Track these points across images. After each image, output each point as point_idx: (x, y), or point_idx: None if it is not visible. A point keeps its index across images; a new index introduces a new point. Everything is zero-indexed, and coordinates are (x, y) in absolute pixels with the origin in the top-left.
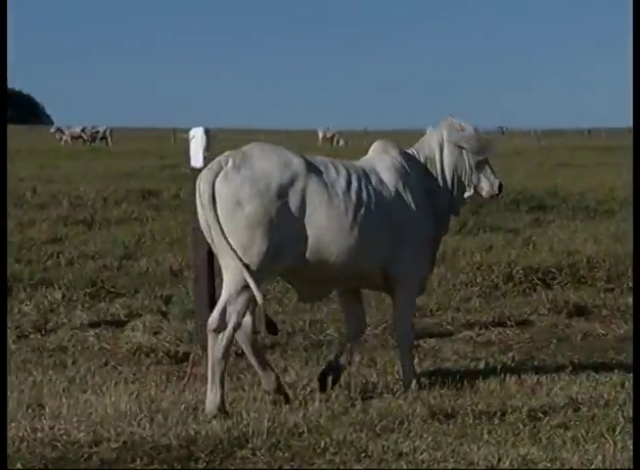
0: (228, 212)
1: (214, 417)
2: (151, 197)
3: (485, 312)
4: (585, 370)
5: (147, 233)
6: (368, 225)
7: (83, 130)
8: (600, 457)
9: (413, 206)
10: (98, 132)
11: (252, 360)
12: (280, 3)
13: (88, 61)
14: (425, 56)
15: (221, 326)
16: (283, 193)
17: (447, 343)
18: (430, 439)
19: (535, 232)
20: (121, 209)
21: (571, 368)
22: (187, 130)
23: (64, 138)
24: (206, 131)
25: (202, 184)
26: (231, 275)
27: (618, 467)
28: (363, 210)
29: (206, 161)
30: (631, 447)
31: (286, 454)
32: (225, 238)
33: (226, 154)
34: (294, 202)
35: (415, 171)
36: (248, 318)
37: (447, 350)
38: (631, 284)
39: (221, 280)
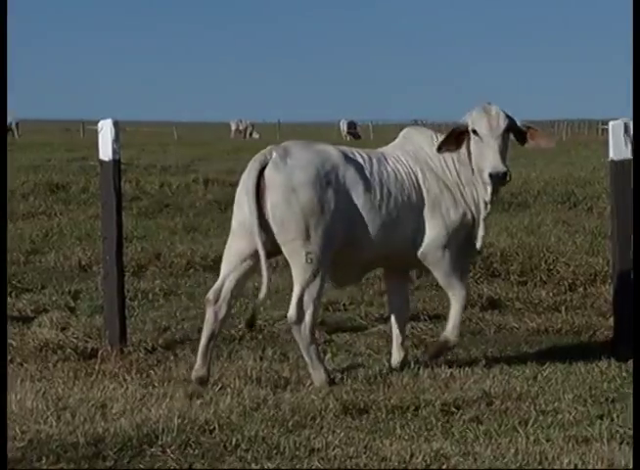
0: (283, 198)
1: (323, 388)
2: (59, 190)
3: None
4: (498, 364)
5: (55, 227)
6: (393, 203)
7: None
8: (512, 451)
9: (437, 188)
10: None
11: (201, 344)
12: None
13: None
14: (340, 48)
15: (300, 317)
16: (329, 180)
17: (360, 337)
18: (342, 434)
19: None
20: (29, 202)
21: (484, 362)
22: (96, 122)
23: None
24: (115, 123)
25: (248, 174)
26: (298, 265)
27: (530, 460)
28: (386, 189)
29: (116, 153)
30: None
31: (196, 451)
32: (257, 223)
33: (268, 148)
34: (338, 188)
35: (440, 156)
36: (225, 306)
37: (360, 344)
38: (544, 277)
39: (132, 275)
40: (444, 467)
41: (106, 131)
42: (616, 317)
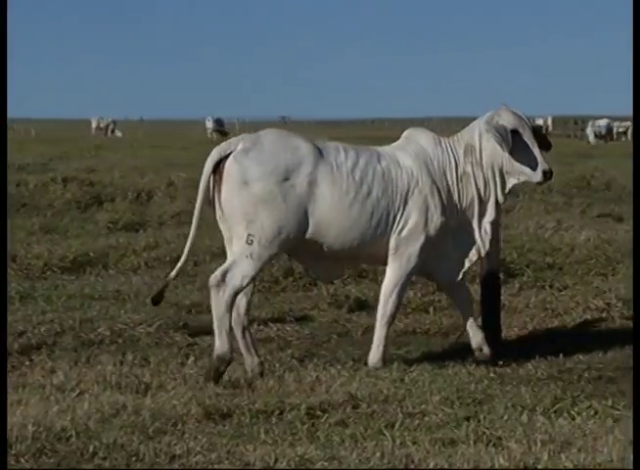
0: (234, 190)
1: (227, 363)
2: None
3: (264, 308)
4: (365, 366)
5: None
6: (370, 204)
7: None
8: (378, 454)
9: (429, 189)
10: None
11: (240, 343)
12: None
13: None
14: (205, 45)
15: (220, 282)
16: (288, 175)
17: None
18: (204, 440)
19: None
20: None
21: (351, 364)
22: None
23: None
24: None
25: (206, 163)
26: (238, 244)
27: (396, 463)
28: (365, 188)
29: None
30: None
31: (52, 460)
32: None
33: (240, 136)
34: (300, 184)
35: (442, 158)
36: (243, 301)
37: None
38: (412, 278)
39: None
40: None
41: None
42: (483, 318)
